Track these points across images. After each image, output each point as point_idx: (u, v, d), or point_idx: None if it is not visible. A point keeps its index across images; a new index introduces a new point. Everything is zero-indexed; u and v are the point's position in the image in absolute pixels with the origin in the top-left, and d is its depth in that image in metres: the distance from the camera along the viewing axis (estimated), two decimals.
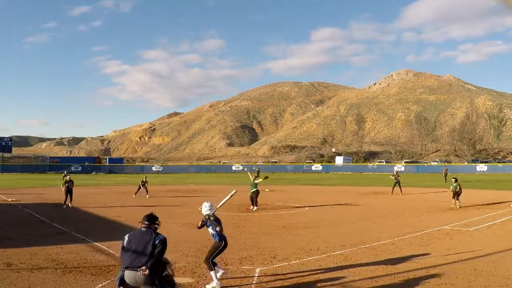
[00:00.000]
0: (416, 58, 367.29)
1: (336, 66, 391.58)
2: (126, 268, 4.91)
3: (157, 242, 4.98)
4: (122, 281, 4.97)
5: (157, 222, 5.28)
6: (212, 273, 6.63)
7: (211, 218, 6.78)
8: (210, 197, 23.11)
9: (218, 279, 6.60)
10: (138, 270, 4.82)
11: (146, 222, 5.21)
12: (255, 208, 17.10)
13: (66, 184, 17.98)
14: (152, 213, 5.41)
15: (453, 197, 17.45)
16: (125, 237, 5.15)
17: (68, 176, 18.78)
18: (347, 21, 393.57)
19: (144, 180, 23.62)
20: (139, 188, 23.31)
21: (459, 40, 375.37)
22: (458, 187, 17.28)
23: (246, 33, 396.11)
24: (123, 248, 5.08)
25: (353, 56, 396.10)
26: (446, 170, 39.75)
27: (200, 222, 6.94)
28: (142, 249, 4.95)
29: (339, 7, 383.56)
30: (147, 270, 4.79)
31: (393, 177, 25.13)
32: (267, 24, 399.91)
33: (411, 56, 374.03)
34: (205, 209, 6.84)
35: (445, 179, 36.68)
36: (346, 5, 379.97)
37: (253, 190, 17.41)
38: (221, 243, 6.78)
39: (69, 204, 17.90)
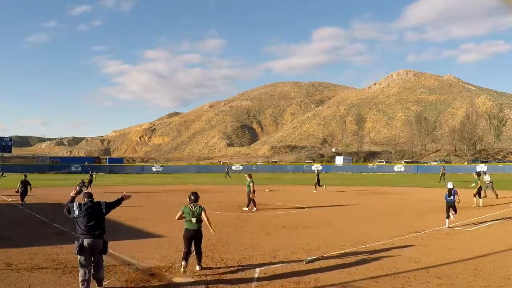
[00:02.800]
0: (417, 57, 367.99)
1: (337, 66, 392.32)
2: (87, 235, 6.18)
3: (103, 208, 6.52)
4: (81, 248, 6.13)
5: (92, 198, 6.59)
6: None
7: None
8: (211, 196, 23.14)
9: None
10: (98, 238, 6.24)
11: (89, 198, 6.53)
12: (246, 209, 16.89)
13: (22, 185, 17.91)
14: (90, 192, 6.72)
15: (477, 196, 17.61)
16: (74, 207, 6.33)
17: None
18: (349, 20, 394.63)
19: (85, 180, 22.31)
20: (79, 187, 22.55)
21: (460, 39, 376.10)
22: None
23: (247, 32, 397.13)
24: (77, 216, 6.26)
25: (355, 56, 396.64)
26: (444, 170, 38.94)
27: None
28: (98, 218, 6.37)
29: (341, 7, 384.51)
30: None
31: (315, 175, 27.68)
32: (268, 24, 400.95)
33: (412, 56, 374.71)
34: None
35: (441, 179, 36.22)
36: (348, 4, 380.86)
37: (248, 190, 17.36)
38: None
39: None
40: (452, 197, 12.59)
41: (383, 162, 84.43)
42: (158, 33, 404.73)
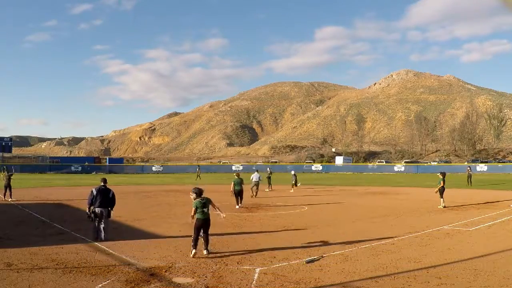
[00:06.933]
0: (420, 57, 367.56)
1: (339, 65, 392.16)
2: (99, 207, 10.21)
3: (111, 194, 10.49)
4: (95, 214, 10.27)
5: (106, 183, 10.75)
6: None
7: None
8: (209, 196, 23.07)
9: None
10: (105, 208, 10.28)
11: (104, 183, 10.64)
12: (239, 206, 17.86)
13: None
14: (105, 178, 10.93)
15: None
16: (93, 190, 10.36)
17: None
18: (352, 19, 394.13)
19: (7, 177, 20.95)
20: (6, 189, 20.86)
21: (464, 39, 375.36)
22: None
23: (250, 32, 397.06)
24: (94, 196, 10.25)
25: (357, 55, 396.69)
26: (470, 171, 35.10)
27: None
28: (106, 197, 10.39)
29: (344, 6, 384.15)
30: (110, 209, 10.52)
31: (267, 174, 29.03)
32: (270, 23, 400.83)
33: (415, 55, 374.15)
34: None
35: (469, 181, 32.72)
36: (351, 3, 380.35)
37: (238, 188, 18.24)
38: None
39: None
40: None
41: (383, 162, 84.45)
42: (159, 33, 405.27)
